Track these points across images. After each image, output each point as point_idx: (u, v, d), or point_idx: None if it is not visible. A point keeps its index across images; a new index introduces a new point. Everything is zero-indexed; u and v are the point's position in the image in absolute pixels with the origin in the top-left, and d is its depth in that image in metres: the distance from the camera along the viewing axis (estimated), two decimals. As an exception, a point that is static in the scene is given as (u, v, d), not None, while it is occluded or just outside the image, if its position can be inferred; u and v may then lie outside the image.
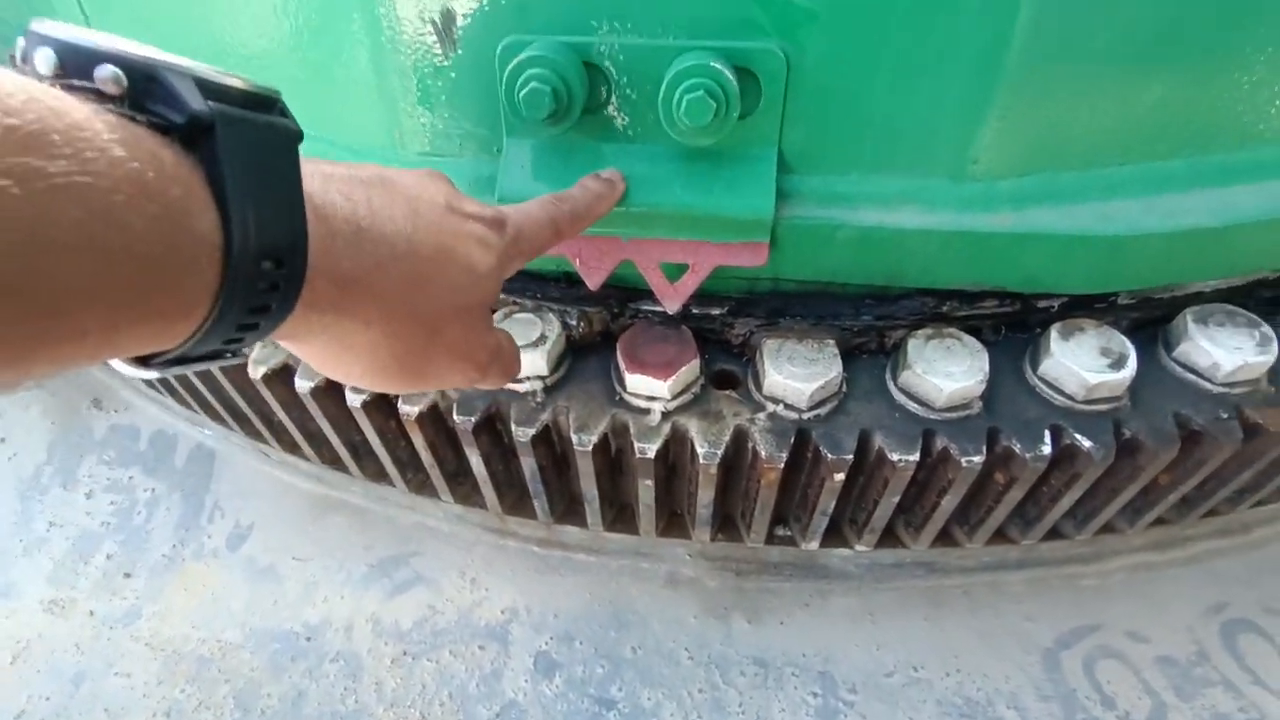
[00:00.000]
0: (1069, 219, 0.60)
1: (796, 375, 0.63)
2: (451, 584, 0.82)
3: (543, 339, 0.67)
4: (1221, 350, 0.62)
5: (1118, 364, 0.62)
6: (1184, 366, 0.65)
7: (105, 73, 0.25)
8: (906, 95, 0.55)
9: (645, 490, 0.70)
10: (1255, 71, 0.55)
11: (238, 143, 0.28)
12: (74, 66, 0.25)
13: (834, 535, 0.77)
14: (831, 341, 0.66)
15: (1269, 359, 0.62)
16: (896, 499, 0.67)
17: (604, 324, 0.71)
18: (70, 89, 0.25)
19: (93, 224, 0.23)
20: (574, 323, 0.69)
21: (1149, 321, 0.69)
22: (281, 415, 0.79)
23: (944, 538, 0.76)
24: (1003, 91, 0.54)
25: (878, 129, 0.58)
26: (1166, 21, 0.52)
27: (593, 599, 0.81)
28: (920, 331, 0.66)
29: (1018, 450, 0.62)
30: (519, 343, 0.67)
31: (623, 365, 0.65)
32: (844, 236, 0.62)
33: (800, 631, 0.78)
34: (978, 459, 0.61)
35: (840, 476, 0.63)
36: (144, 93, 0.26)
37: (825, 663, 0.75)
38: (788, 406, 0.64)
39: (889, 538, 0.77)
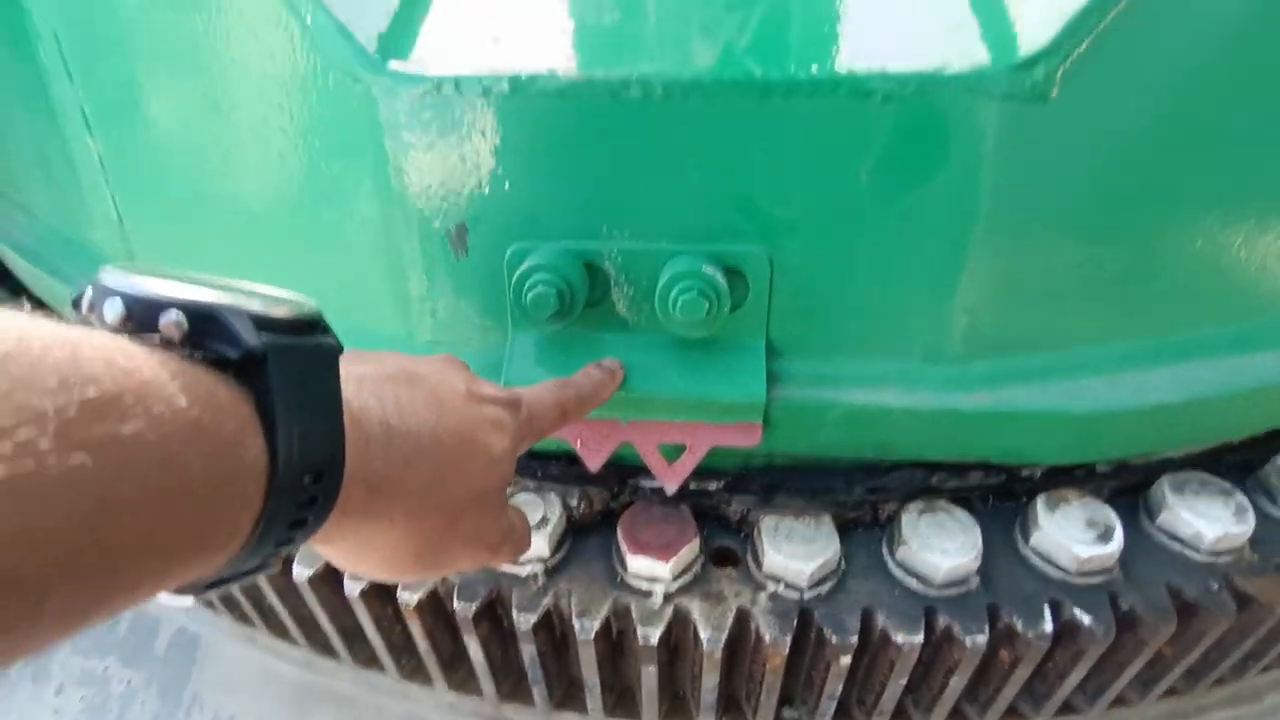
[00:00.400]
0: (1041, 397, 0.64)
1: (796, 555, 0.64)
2: (442, 782, 0.77)
3: (544, 521, 0.68)
4: (1202, 520, 0.64)
5: (1105, 536, 0.63)
6: (1169, 535, 0.67)
7: (169, 319, 0.27)
8: (879, 291, 0.61)
9: (648, 676, 0.68)
10: (1201, 259, 0.62)
11: (286, 370, 0.30)
12: (140, 315, 0.27)
13: (843, 716, 0.74)
14: (828, 517, 0.67)
15: (1247, 529, 0.64)
16: (904, 680, 0.66)
17: (604, 503, 0.72)
18: (136, 337, 0.27)
19: (154, 477, 0.24)
20: (575, 503, 0.71)
21: (1128, 488, 0.72)
22: (274, 600, 0.78)
23: (956, 716, 0.74)
24: (965, 287, 0.60)
25: (857, 318, 0.62)
26: (1113, 224, 0.58)
27: (593, 795, 0.76)
28: (912, 506, 0.67)
29: (1020, 628, 0.62)
30: (520, 525, 0.68)
31: (624, 547, 0.66)
32: (832, 415, 0.65)
33: (815, 827, 0.73)
34: (982, 638, 0.61)
35: (846, 660, 0.63)
36: (202, 332, 0.28)
37: None
38: (788, 586, 0.65)
39: (899, 718, 0.74)
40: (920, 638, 0.62)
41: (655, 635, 0.64)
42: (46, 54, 0.71)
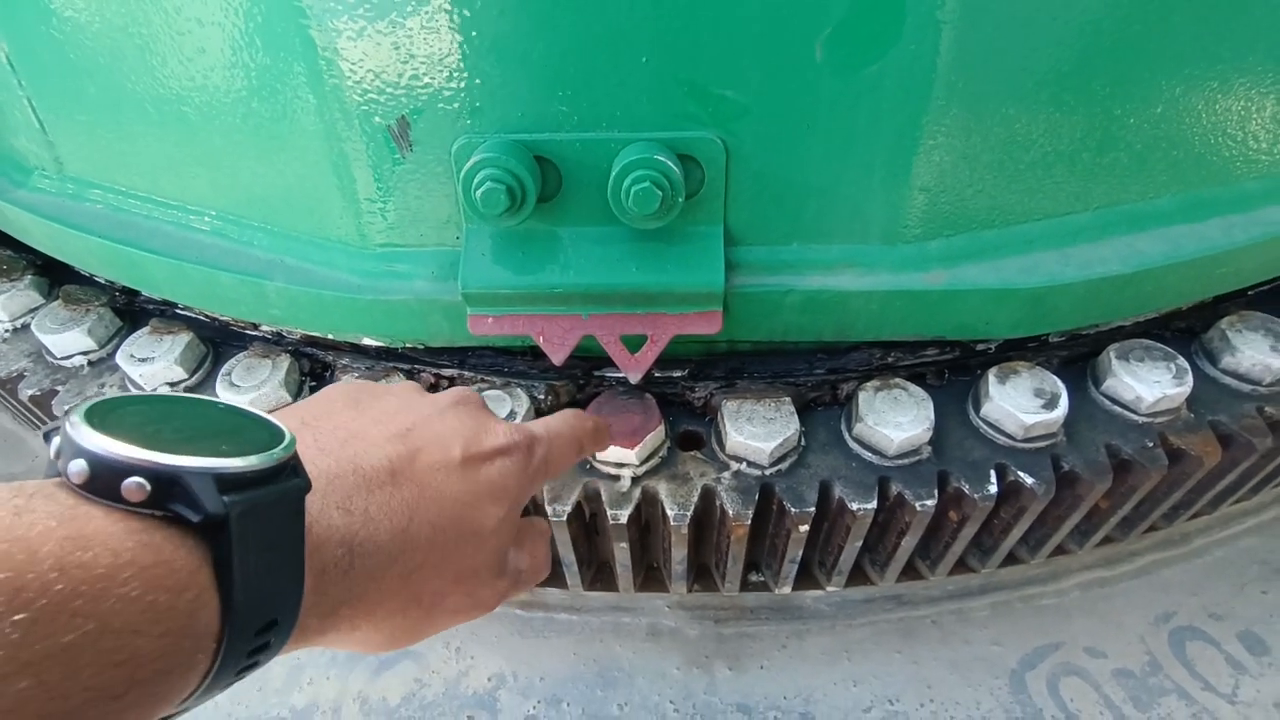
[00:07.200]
0: (995, 273, 0.65)
1: (757, 435, 0.66)
2: (437, 655, 0.83)
3: (512, 415, 0.69)
4: (1143, 385, 0.67)
5: (1051, 404, 0.66)
6: (1111, 400, 0.70)
7: (131, 483, 0.27)
8: (836, 171, 0.60)
9: (621, 552, 0.72)
10: (1154, 128, 0.61)
11: (248, 529, 0.29)
12: (103, 476, 0.27)
13: (805, 578, 0.80)
14: (788, 399, 0.69)
15: (1185, 389, 0.67)
16: (860, 543, 0.70)
17: (570, 395, 0.74)
18: (96, 497, 0.27)
19: (105, 676, 0.25)
20: (541, 396, 0.72)
21: (1078, 357, 0.75)
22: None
23: (909, 572, 0.80)
24: (923, 164, 0.59)
25: (814, 202, 0.62)
26: (1060, 103, 0.57)
27: (577, 659, 0.83)
28: (869, 384, 0.70)
29: (967, 490, 0.66)
30: (490, 420, 0.69)
31: (591, 436, 0.68)
32: (791, 301, 0.66)
33: (780, 674, 0.80)
34: (930, 502, 0.65)
35: (805, 528, 0.66)
36: (165, 495, 0.28)
37: (806, 704, 0.78)
38: (750, 464, 0.68)
39: (857, 576, 0.80)
40: (873, 504, 0.65)
41: (625, 515, 0.67)
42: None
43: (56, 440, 0.29)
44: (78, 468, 0.27)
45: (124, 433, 0.28)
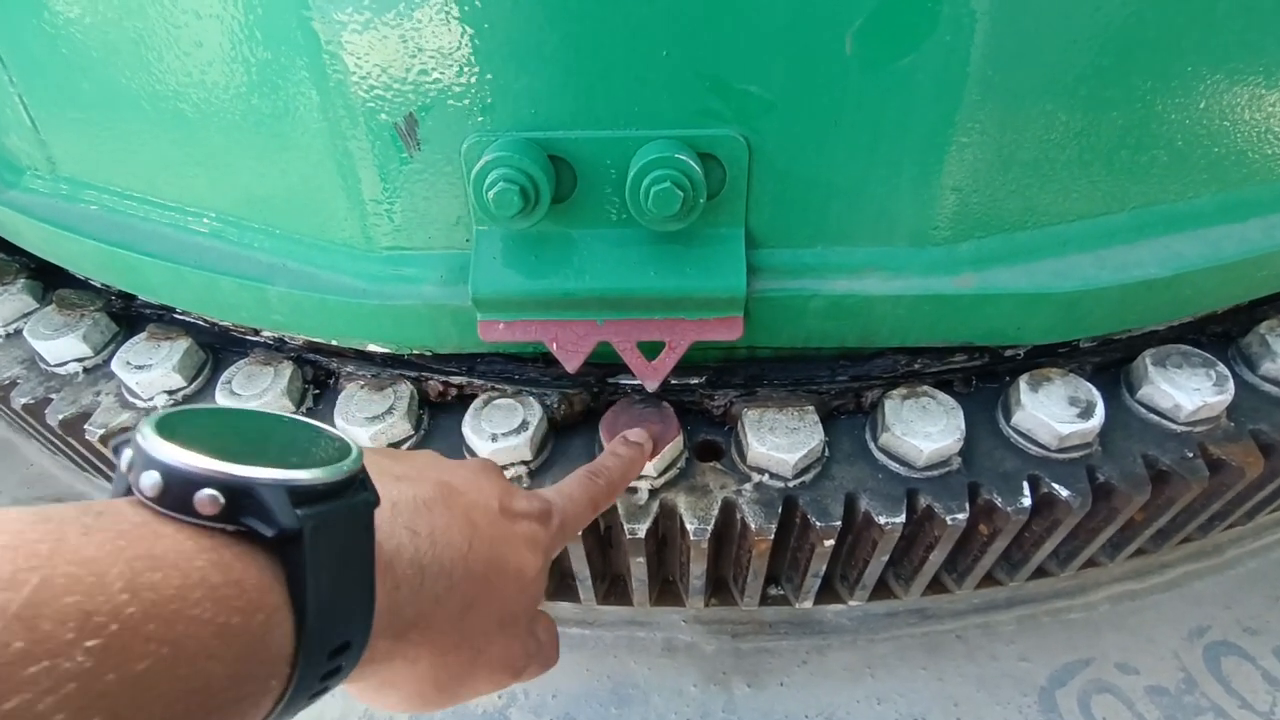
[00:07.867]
0: (1027, 277, 0.62)
1: (780, 446, 0.63)
2: (445, 672, 0.80)
3: (524, 425, 0.66)
4: (1181, 392, 0.65)
5: (1086, 412, 0.64)
6: (1147, 408, 0.67)
7: (204, 495, 0.27)
8: (863, 173, 0.57)
9: (637, 566, 0.70)
10: (1193, 125, 0.58)
11: (321, 541, 0.28)
12: (176, 489, 0.27)
13: (827, 592, 0.77)
14: (811, 408, 0.67)
15: (1226, 397, 0.64)
16: (886, 557, 0.67)
17: (584, 404, 0.71)
18: (168, 511, 0.27)
19: (177, 708, 0.24)
20: (555, 405, 0.69)
21: (1111, 363, 0.72)
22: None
23: (934, 586, 0.77)
24: (955, 162, 0.56)
25: (840, 203, 0.59)
26: (1100, 98, 0.55)
27: (591, 675, 0.80)
28: (895, 392, 0.67)
29: (999, 504, 0.63)
30: (501, 430, 0.66)
31: (606, 447, 0.65)
32: (814, 306, 0.63)
33: (801, 691, 0.77)
34: (962, 516, 0.62)
35: (830, 542, 0.64)
36: (237, 508, 0.27)
37: (828, 722, 0.75)
38: (773, 476, 0.65)
39: (881, 589, 0.77)
40: (902, 519, 0.63)
41: (642, 529, 0.64)
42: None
43: (127, 453, 0.28)
44: (150, 480, 0.27)
45: (195, 443, 0.27)
